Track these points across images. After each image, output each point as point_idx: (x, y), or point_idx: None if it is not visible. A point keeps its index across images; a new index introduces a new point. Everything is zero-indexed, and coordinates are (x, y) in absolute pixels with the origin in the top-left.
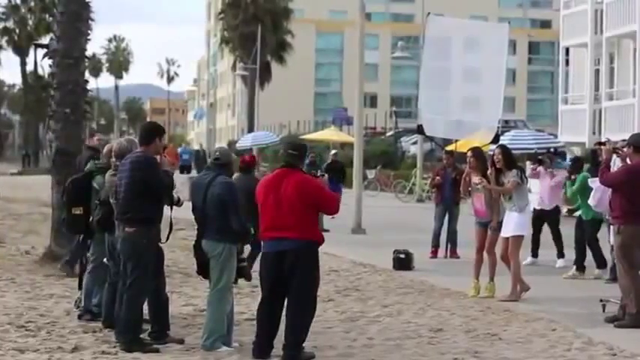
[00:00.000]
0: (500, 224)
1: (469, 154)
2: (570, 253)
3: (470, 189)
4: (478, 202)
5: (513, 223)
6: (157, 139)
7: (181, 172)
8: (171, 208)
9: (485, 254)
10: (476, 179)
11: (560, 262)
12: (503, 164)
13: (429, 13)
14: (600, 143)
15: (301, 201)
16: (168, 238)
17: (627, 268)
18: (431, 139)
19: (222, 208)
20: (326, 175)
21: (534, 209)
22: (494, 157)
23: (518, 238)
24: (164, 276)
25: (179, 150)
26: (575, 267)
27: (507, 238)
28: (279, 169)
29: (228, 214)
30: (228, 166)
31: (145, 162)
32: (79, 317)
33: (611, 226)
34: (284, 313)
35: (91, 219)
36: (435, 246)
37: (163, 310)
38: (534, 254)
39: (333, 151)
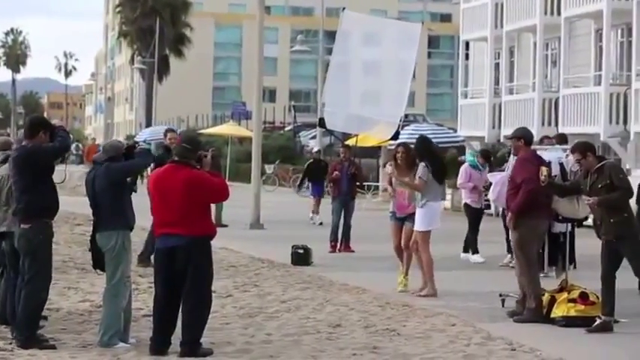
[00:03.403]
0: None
1: (399, 149)
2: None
3: (392, 186)
4: (402, 197)
5: (419, 218)
6: (42, 132)
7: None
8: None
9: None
10: (389, 168)
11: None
12: (404, 162)
13: (343, 9)
14: (547, 137)
15: (189, 197)
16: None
17: (525, 262)
18: (331, 132)
19: (111, 196)
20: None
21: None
22: (397, 156)
23: (424, 233)
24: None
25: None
26: (509, 255)
27: (427, 232)
28: (168, 163)
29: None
30: (115, 159)
31: (27, 151)
32: None
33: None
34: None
35: None
36: (334, 240)
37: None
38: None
39: (316, 148)
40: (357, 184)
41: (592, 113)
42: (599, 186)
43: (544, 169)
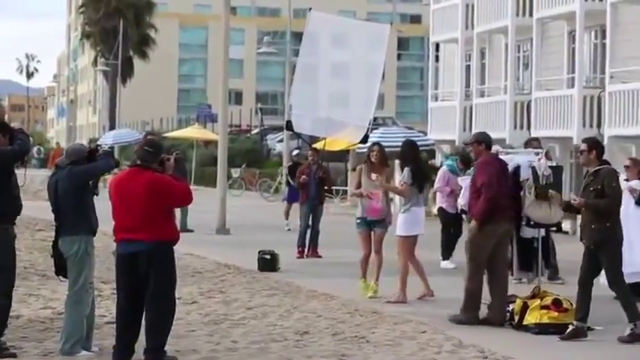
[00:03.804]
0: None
1: (374, 147)
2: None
3: (360, 189)
4: (375, 200)
5: (401, 223)
6: (1, 135)
7: None
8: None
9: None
10: (373, 175)
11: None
12: (378, 161)
13: (310, 9)
14: (534, 139)
15: (151, 201)
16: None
17: (472, 265)
18: (298, 135)
19: (73, 200)
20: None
21: None
22: (371, 155)
23: (405, 239)
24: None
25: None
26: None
27: (408, 237)
28: (129, 167)
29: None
30: (78, 163)
31: None
32: None
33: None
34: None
35: None
36: (301, 246)
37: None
38: None
39: (296, 151)
40: (325, 188)
41: (565, 116)
42: (591, 189)
43: (573, 196)
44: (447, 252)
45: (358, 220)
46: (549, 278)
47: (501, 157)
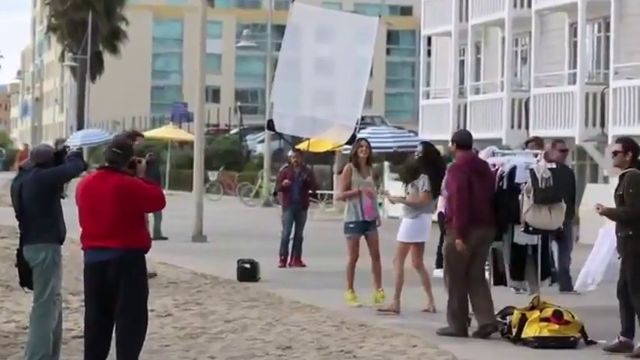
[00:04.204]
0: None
1: (362, 142)
2: None
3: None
4: (370, 199)
5: (406, 229)
6: None
7: None
8: None
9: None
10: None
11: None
12: (367, 157)
13: (293, 0)
14: (536, 139)
15: (120, 206)
16: None
17: (448, 274)
18: (280, 136)
19: (39, 205)
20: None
21: None
22: (359, 150)
23: (405, 245)
24: None
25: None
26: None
27: (410, 244)
28: (98, 170)
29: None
30: (44, 165)
31: None
32: None
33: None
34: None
35: None
36: (284, 254)
37: None
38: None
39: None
40: (310, 192)
41: (566, 115)
42: (618, 194)
43: (598, 204)
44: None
45: (351, 225)
46: (562, 289)
47: (496, 158)
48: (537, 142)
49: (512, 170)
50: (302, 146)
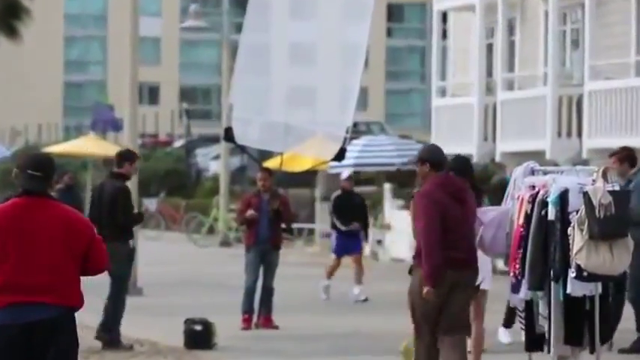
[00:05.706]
0: None
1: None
2: None
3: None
4: None
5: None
6: None
7: None
8: None
9: None
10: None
11: None
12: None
13: None
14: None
15: (66, 248)
16: None
17: (418, 325)
18: (242, 150)
19: None
20: None
21: None
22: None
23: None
24: None
25: None
26: None
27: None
28: (18, 197)
29: None
30: None
31: None
32: None
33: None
34: None
35: None
36: (248, 311)
37: None
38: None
39: (346, 174)
40: (283, 226)
41: (633, 117)
42: None
43: None
44: None
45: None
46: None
47: (537, 178)
48: (624, 157)
49: (564, 194)
50: (272, 164)
